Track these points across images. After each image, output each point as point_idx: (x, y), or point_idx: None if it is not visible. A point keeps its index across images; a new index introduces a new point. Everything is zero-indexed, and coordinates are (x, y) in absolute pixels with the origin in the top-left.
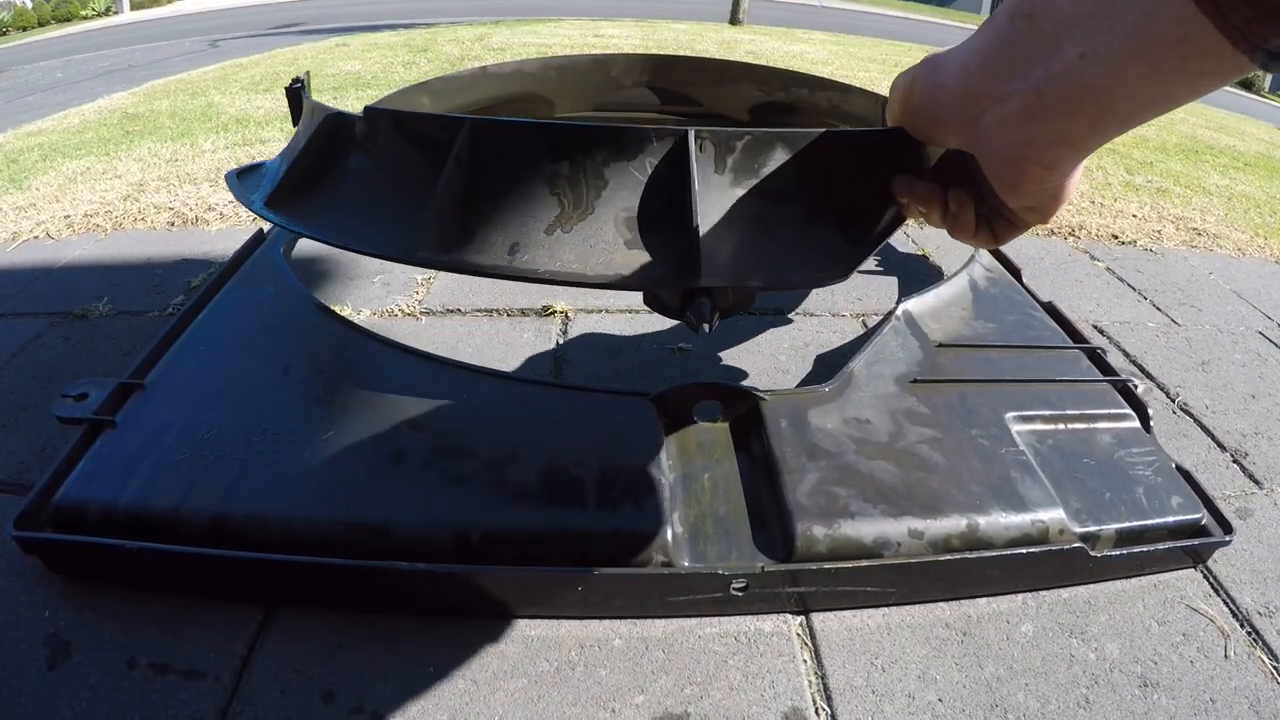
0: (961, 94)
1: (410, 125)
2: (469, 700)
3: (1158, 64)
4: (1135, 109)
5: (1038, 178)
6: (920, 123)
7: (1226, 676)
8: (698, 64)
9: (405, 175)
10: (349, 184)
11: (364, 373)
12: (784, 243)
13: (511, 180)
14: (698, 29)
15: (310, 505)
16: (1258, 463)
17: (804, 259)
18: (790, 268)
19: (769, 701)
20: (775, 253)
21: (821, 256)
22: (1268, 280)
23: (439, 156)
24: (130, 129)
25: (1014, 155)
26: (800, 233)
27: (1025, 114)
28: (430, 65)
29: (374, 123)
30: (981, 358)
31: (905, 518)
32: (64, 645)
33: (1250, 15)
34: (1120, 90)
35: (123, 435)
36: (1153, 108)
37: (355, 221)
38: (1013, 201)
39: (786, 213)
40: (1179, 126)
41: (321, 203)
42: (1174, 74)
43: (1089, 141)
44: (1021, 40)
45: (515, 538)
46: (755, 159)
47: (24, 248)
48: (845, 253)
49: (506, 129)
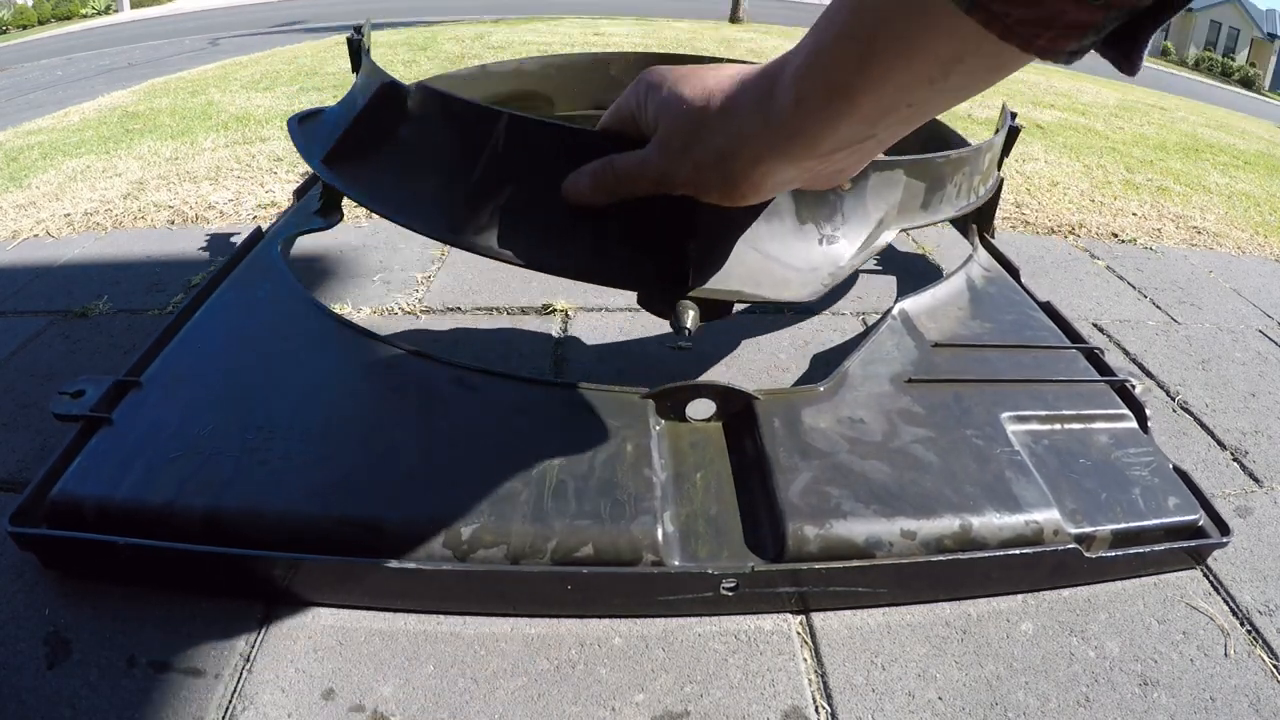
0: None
1: (455, 110)
2: (469, 698)
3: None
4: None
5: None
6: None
7: (1226, 675)
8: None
9: (447, 156)
10: (399, 155)
11: (360, 371)
12: (768, 258)
13: (537, 176)
14: (698, 27)
15: (303, 502)
16: (1258, 461)
17: (785, 275)
18: (771, 284)
19: (769, 700)
20: (759, 267)
21: (802, 272)
22: (1268, 278)
23: (478, 144)
24: (130, 127)
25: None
26: (784, 247)
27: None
28: (430, 64)
29: (424, 101)
30: (978, 357)
31: (898, 518)
32: (64, 643)
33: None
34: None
35: (119, 432)
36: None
37: (401, 195)
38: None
39: (774, 228)
40: (1179, 125)
41: (374, 170)
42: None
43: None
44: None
45: (507, 535)
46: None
47: (24, 246)
48: (824, 268)
49: (539, 128)
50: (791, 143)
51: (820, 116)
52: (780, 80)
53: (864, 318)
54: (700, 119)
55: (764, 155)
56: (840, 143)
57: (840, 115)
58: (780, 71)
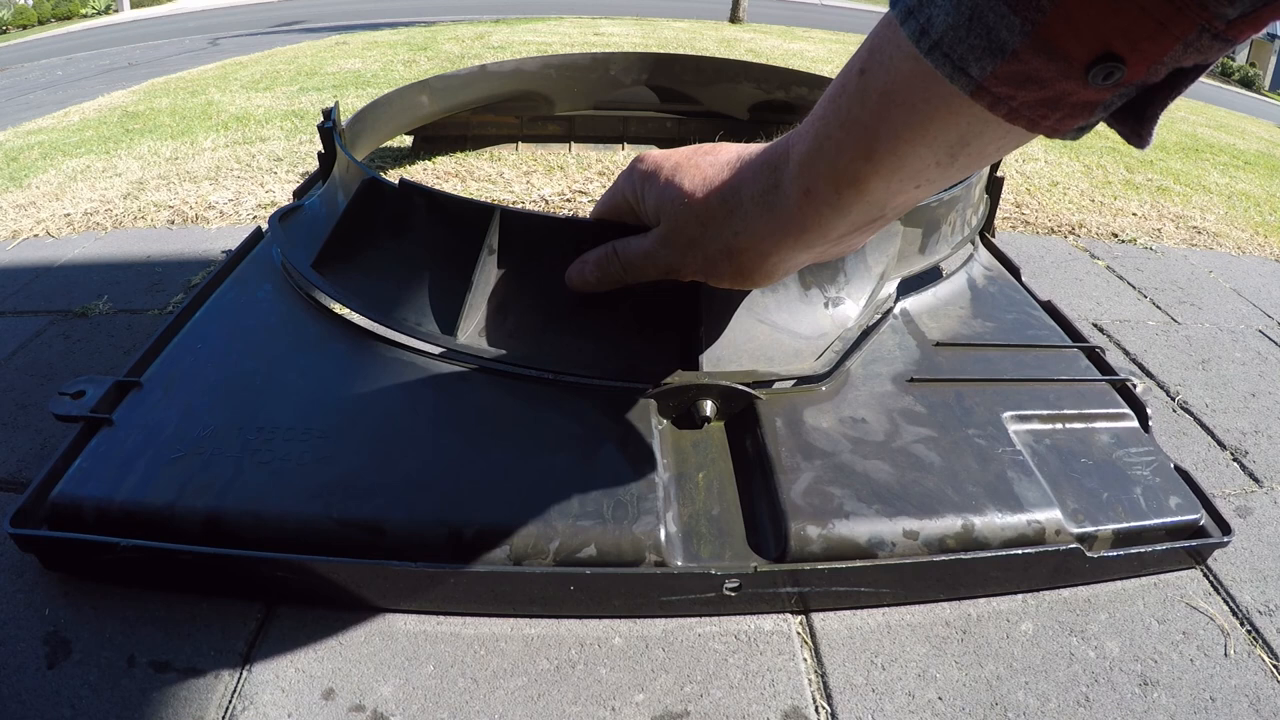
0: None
1: (443, 205)
2: (469, 698)
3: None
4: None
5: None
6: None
7: (1226, 675)
8: (697, 62)
9: (440, 255)
10: (388, 255)
11: (359, 371)
12: (777, 329)
13: (535, 270)
14: (697, 27)
15: (304, 503)
16: (1258, 461)
17: (796, 345)
18: (783, 358)
19: (769, 700)
20: (769, 341)
21: (812, 340)
22: (1268, 278)
23: (472, 241)
24: (130, 127)
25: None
26: (792, 317)
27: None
28: (430, 63)
29: (409, 199)
30: (979, 356)
31: (900, 518)
32: (64, 643)
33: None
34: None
35: (119, 433)
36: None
37: (396, 302)
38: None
39: (780, 298)
40: (1179, 125)
41: (366, 274)
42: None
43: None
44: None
45: (509, 535)
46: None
47: (24, 245)
48: (832, 333)
49: (535, 221)
50: (803, 232)
51: (831, 205)
52: (785, 170)
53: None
54: (705, 215)
55: (775, 246)
56: (851, 227)
57: (850, 203)
58: (783, 160)
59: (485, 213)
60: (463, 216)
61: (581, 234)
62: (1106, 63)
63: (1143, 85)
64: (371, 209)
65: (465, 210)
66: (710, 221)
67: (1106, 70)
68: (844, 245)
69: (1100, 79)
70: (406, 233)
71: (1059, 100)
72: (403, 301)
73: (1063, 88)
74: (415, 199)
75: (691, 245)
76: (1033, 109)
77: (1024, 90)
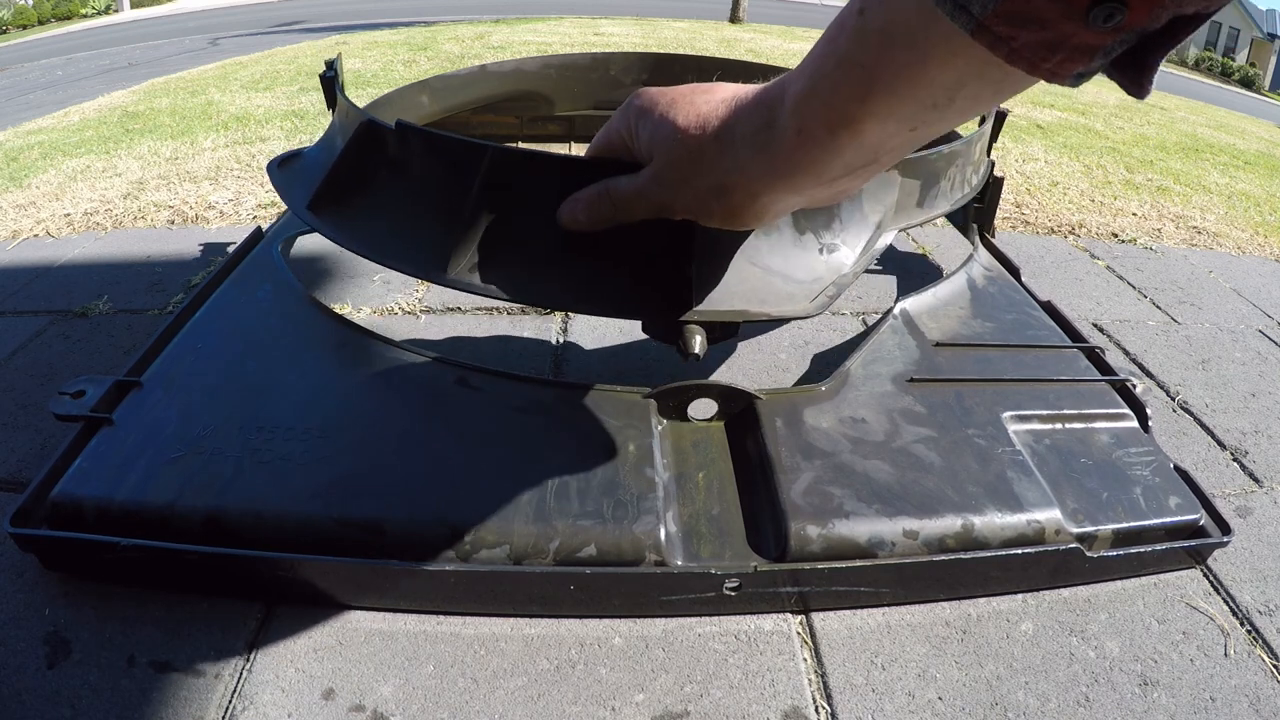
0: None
1: (438, 146)
2: (469, 698)
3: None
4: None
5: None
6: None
7: (1226, 675)
8: (697, 62)
9: (433, 194)
10: (384, 196)
11: (359, 370)
12: (770, 272)
13: (529, 207)
14: (697, 27)
15: (304, 502)
16: (1258, 461)
17: (789, 289)
18: (775, 300)
19: (769, 700)
20: (762, 284)
21: (805, 284)
22: (1268, 278)
23: (464, 179)
24: (130, 127)
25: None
26: (785, 260)
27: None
28: (430, 63)
29: (406, 140)
30: (979, 357)
31: (900, 517)
32: (64, 643)
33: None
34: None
35: (119, 432)
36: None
37: (389, 238)
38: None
39: (774, 241)
40: (1179, 125)
41: (359, 213)
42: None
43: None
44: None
45: (509, 535)
46: None
47: (24, 245)
48: (827, 278)
49: (527, 159)
50: (795, 173)
51: (824, 146)
52: (780, 109)
53: (864, 318)
54: (697, 150)
55: (767, 186)
56: (844, 170)
57: (844, 144)
58: (779, 99)
59: (478, 151)
60: (456, 155)
61: (574, 171)
62: (1108, 3)
63: (1143, 32)
64: (368, 151)
65: (458, 149)
66: (702, 158)
67: (1108, 12)
68: (836, 189)
69: (1101, 20)
70: (401, 173)
71: (1059, 42)
72: (394, 237)
73: (1063, 29)
74: (411, 140)
75: (683, 182)
76: (1033, 50)
77: (1025, 30)
